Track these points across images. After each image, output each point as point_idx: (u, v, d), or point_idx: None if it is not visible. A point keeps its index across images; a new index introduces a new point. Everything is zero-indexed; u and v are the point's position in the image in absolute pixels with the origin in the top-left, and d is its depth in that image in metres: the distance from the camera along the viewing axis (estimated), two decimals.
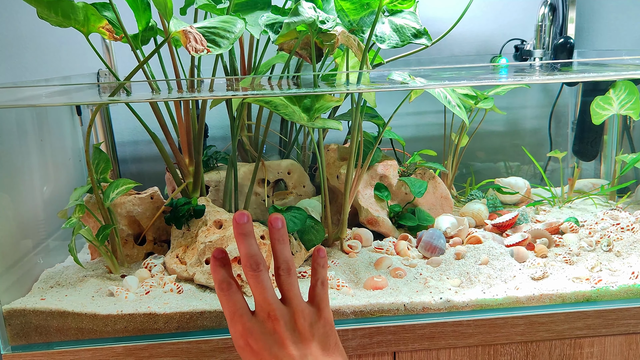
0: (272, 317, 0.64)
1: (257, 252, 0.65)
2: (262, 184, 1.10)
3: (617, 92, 1.16)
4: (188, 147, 0.97)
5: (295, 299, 0.66)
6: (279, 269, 0.66)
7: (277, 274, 0.66)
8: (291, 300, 0.66)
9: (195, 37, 0.78)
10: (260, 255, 0.65)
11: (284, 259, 0.66)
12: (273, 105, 0.84)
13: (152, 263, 0.95)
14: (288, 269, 0.66)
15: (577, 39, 1.40)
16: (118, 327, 0.83)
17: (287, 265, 0.66)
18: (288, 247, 0.67)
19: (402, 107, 1.04)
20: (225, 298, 0.66)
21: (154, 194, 1.00)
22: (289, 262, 0.66)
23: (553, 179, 1.38)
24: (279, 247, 0.66)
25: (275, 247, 0.67)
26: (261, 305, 0.65)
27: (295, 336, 0.64)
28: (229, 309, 0.66)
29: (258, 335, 0.64)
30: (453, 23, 1.00)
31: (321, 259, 0.71)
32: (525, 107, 1.45)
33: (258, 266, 0.64)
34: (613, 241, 0.99)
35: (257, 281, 0.64)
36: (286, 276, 0.66)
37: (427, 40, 0.96)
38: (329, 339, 0.67)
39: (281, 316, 0.64)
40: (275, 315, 0.64)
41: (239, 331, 0.65)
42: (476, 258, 0.96)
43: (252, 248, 0.65)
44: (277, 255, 0.67)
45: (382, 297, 0.88)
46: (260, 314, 0.65)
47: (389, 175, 1.12)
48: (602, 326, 0.89)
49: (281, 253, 0.66)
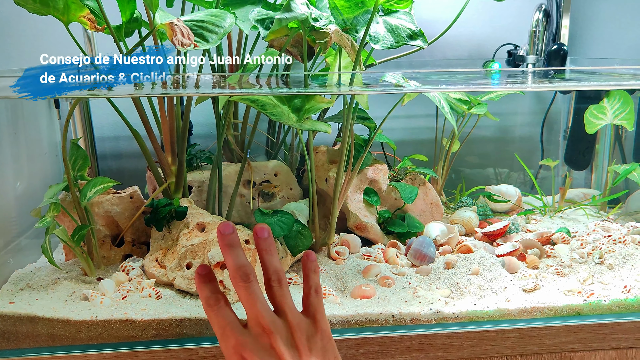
0: (267, 331, 0.60)
1: (246, 262, 0.61)
2: (248, 185, 1.06)
3: (611, 102, 1.14)
4: (171, 145, 0.93)
5: (290, 311, 0.62)
6: (269, 280, 0.63)
7: (269, 285, 0.63)
8: (286, 313, 0.62)
9: (182, 30, 0.74)
10: (250, 266, 0.61)
11: (274, 269, 0.63)
12: (260, 104, 0.81)
13: (130, 266, 0.90)
14: (279, 280, 0.63)
15: (570, 46, 1.38)
16: (92, 334, 0.78)
17: (278, 275, 0.63)
18: (277, 257, 0.64)
19: (393, 110, 1.01)
20: (214, 313, 0.62)
21: (133, 194, 0.95)
22: (280, 272, 0.63)
23: (543, 188, 1.37)
24: (267, 257, 0.63)
25: (264, 257, 0.63)
26: (254, 318, 0.61)
27: (293, 351, 0.60)
28: (218, 324, 0.62)
29: (253, 350, 0.59)
30: (446, 25, 0.97)
31: (311, 262, 0.67)
32: (517, 114, 1.43)
33: (248, 277, 0.60)
34: (605, 253, 0.98)
35: (248, 292, 0.60)
36: (278, 287, 0.62)
37: (423, 42, 0.93)
38: (328, 354, 0.63)
39: (276, 330, 0.60)
40: (270, 329, 0.60)
41: (232, 346, 0.60)
42: (467, 268, 0.93)
43: (240, 259, 0.61)
44: (267, 266, 0.63)
45: (370, 307, 0.84)
46: (253, 328, 0.61)
47: (379, 179, 1.09)
48: (593, 340, 0.87)
49: (270, 264, 0.63)
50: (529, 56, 1.36)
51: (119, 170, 1.28)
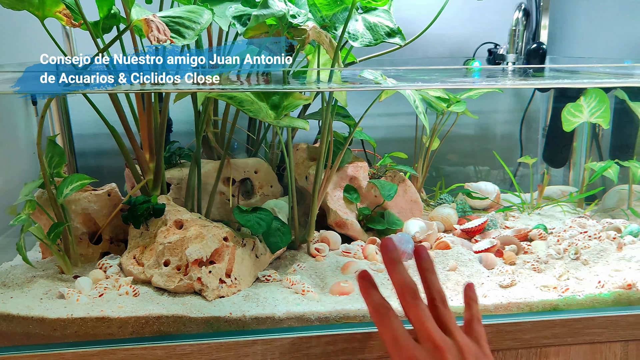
0: (439, 348, 0.59)
1: (412, 279, 0.61)
2: (227, 182, 1.06)
3: (587, 100, 1.16)
4: (149, 142, 0.92)
5: (458, 332, 0.62)
6: (434, 300, 0.63)
7: (433, 305, 0.63)
8: (453, 333, 0.62)
9: (158, 26, 0.74)
10: (414, 283, 0.61)
11: (437, 289, 0.63)
12: (237, 101, 0.81)
13: (108, 264, 0.90)
14: (443, 300, 0.63)
15: (549, 45, 1.40)
16: (68, 332, 0.78)
17: (441, 296, 0.63)
18: (437, 276, 0.64)
19: (373, 108, 1.01)
20: (385, 323, 0.61)
21: (111, 191, 0.95)
22: (442, 293, 0.64)
23: (522, 185, 1.38)
24: (430, 277, 0.64)
25: (426, 277, 0.64)
26: (425, 335, 0.60)
27: None
28: (391, 334, 0.61)
29: None
30: (428, 23, 0.98)
31: (473, 293, 0.69)
32: (497, 112, 1.45)
33: (416, 294, 0.60)
34: (580, 249, 0.99)
35: (418, 310, 0.60)
36: (443, 307, 0.63)
37: (401, 39, 0.94)
38: None
39: (448, 349, 0.60)
40: (442, 347, 0.59)
41: (406, 357, 0.60)
42: (444, 264, 0.94)
43: (406, 275, 0.61)
44: (429, 286, 0.64)
45: (349, 303, 0.85)
46: (425, 344, 0.61)
47: (359, 177, 1.09)
48: (568, 335, 0.89)
49: (433, 283, 0.63)
50: (509, 55, 1.37)
51: (99, 168, 1.27)
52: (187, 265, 0.85)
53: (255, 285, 0.90)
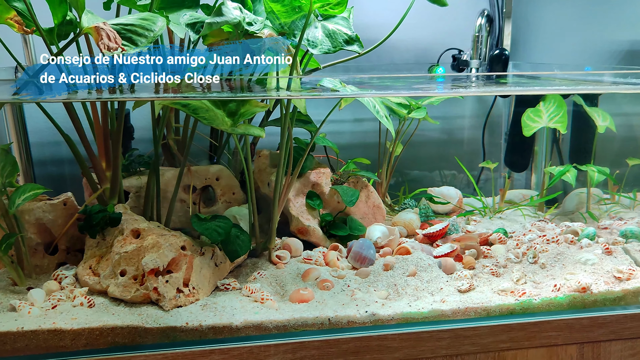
0: None
1: None
2: (188, 190, 1.05)
3: (547, 105, 1.18)
4: (105, 150, 0.91)
5: None
6: None
7: None
8: None
9: (109, 34, 0.73)
10: None
11: None
12: (192, 108, 0.80)
13: (63, 274, 0.88)
14: None
15: (512, 51, 1.42)
16: (18, 346, 0.76)
17: None
18: None
19: (339, 115, 1.02)
20: None
21: (67, 200, 0.93)
22: None
23: (487, 189, 1.40)
24: None
25: None
26: None
27: None
28: None
29: None
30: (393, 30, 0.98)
31: None
32: (462, 117, 1.46)
33: None
34: (539, 253, 1.00)
35: None
36: None
37: (359, 47, 0.94)
38: None
39: None
40: None
41: None
42: (404, 269, 0.95)
43: None
44: None
45: (307, 311, 0.85)
46: None
47: (321, 183, 1.09)
48: (525, 339, 0.90)
49: None
50: (472, 61, 1.39)
51: (60, 177, 1.24)
52: (144, 275, 0.84)
53: (214, 294, 0.90)
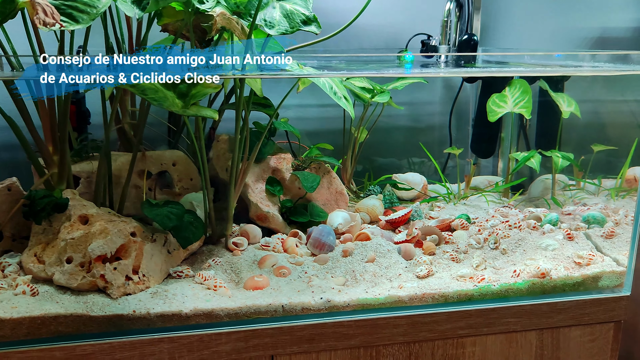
0: None
1: None
2: (143, 176, 1.02)
3: (512, 90, 1.16)
4: (52, 134, 0.87)
5: None
6: None
7: None
8: None
9: (45, 9, 0.70)
10: None
11: None
12: (140, 89, 0.77)
13: (7, 262, 0.85)
14: None
15: (482, 37, 1.40)
16: None
17: None
18: None
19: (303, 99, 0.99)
20: None
21: (11, 185, 0.89)
22: None
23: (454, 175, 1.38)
24: None
25: None
26: None
27: None
28: None
29: None
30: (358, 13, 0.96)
31: None
32: (429, 103, 1.45)
33: None
34: (500, 239, 0.99)
35: None
36: None
37: (317, 27, 0.91)
38: None
39: None
40: None
41: None
42: (363, 255, 0.93)
43: None
44: None
45: (260, 298, 0.83)
46: None
47: (281, 168, 1.07)
48: (483, 325, 0.89)
49: None
50: (441, 46, 1.37)
51: (11, 162, 1.20)
52: (91, 262, 0.81)
53: (166, 282, 0.87)
